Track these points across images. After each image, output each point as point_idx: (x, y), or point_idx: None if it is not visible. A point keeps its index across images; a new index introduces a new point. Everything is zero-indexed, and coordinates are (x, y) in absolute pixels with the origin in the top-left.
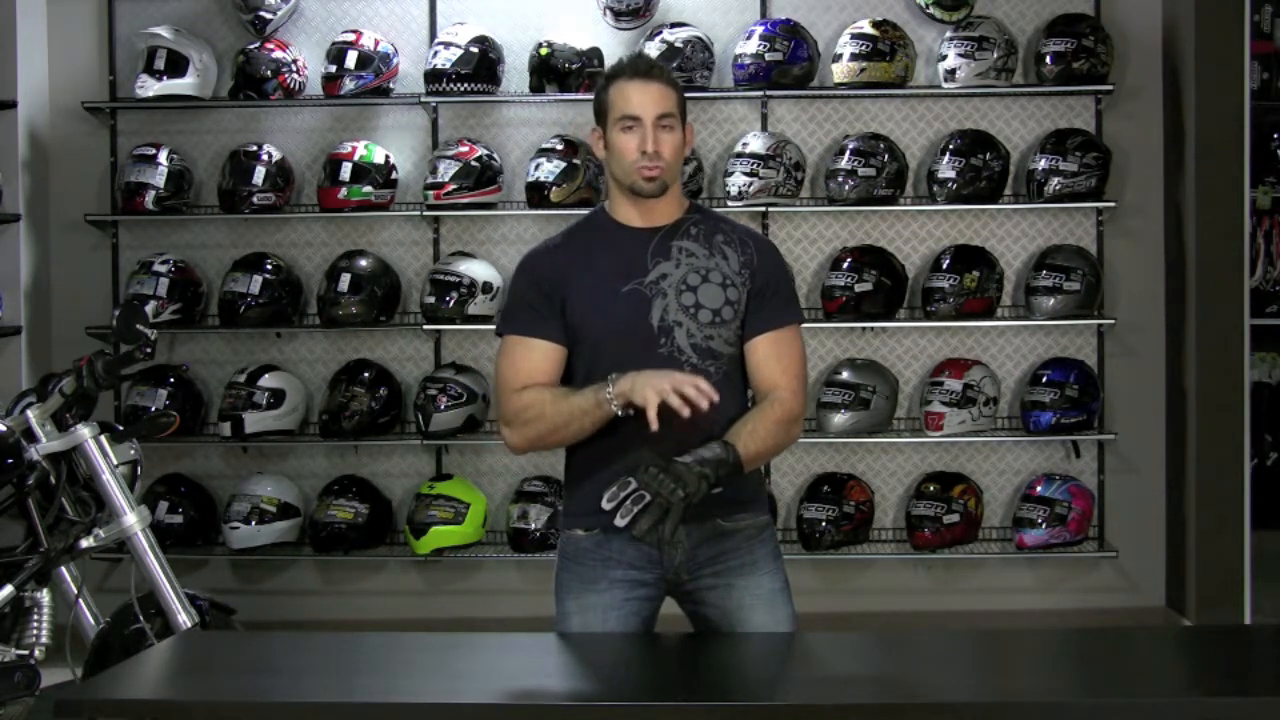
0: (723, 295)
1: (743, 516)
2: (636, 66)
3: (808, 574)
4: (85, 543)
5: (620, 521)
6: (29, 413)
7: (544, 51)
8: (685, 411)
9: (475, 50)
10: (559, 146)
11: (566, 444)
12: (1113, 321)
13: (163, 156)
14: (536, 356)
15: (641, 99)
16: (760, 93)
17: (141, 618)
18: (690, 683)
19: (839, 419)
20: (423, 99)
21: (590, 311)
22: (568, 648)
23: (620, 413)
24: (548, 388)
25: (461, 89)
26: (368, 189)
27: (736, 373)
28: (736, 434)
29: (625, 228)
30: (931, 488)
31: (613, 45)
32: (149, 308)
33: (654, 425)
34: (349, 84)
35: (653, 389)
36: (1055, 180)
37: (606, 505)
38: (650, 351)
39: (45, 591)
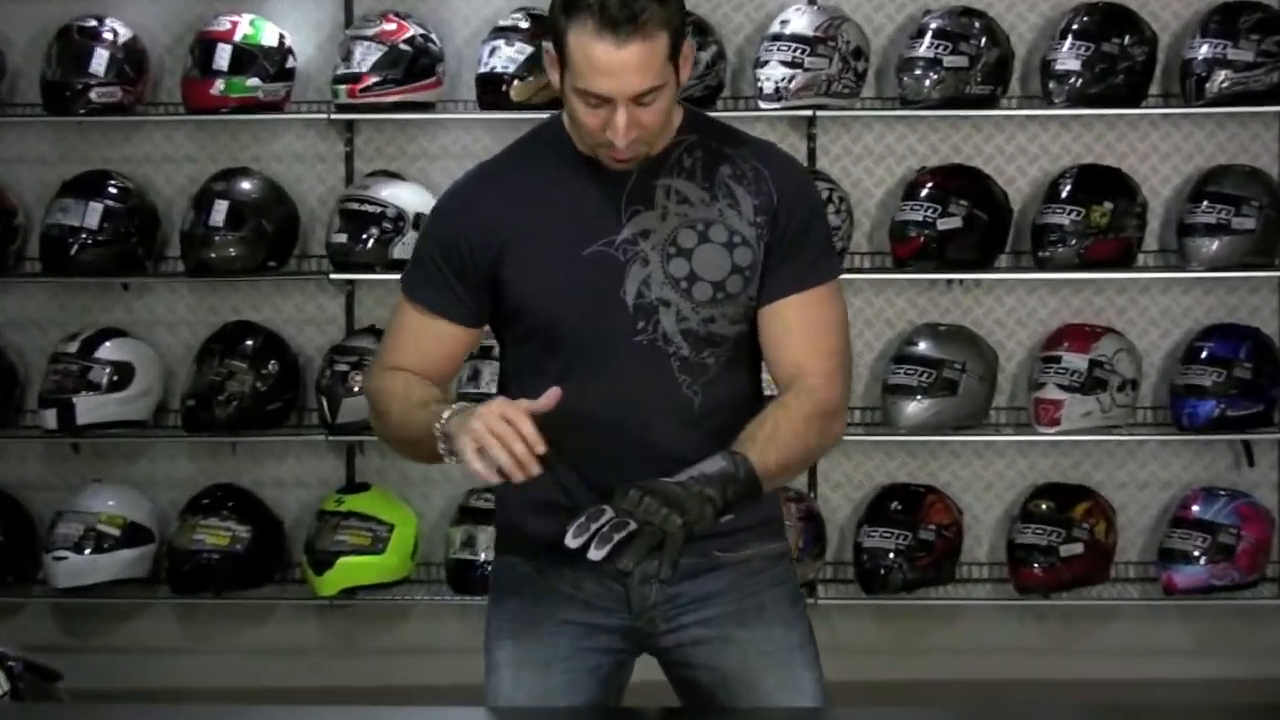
0: (728, 260)
1: (747, 544)
2: (606, 11)
3: (869, 626)
4: None
5: (596, 553)
6: None
7: None
8: (507, 477)
9: None
10: (522, 24)
11: (416, 460)
12: None
13: None
14: (428, 338)
15: (613, 75)
16: None
17: None
18: None
19: (914, 409)
20: None
21: (537, 282)
22: None
23: (449, 459)
24: (418, 383)
25: None
26: (253, 82)
27: (745, 354)
28: (750, 440)
29: (591, 160)
30: (1044, 506)
31: None
32: None
33: (486, 477)
34: None
35: (470, 436)
36: (1221, 75)
37: (572, 543)
38: (624, 340)
39: None
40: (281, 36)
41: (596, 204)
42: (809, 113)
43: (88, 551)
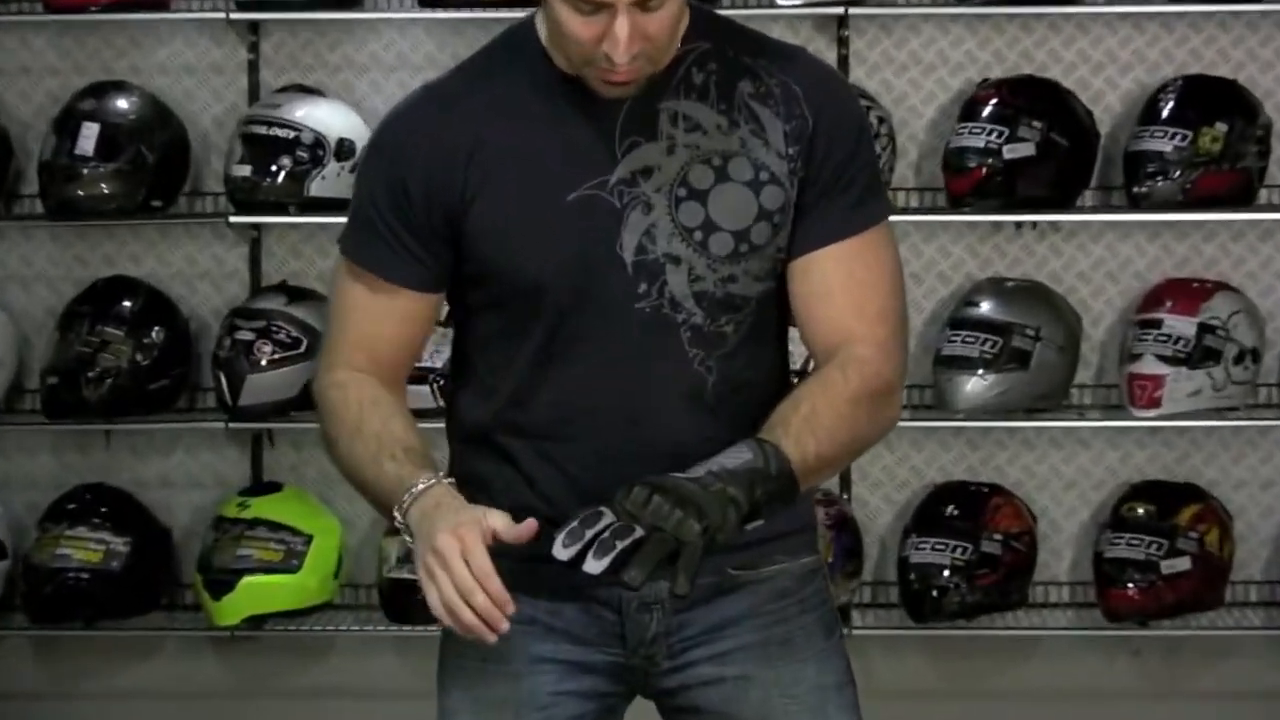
0: (754, 203)
1: (772, 559)
2: None
3: (918, 663)
4: None
5: (595, 565)
6: None
7: None
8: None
9: None
10: None
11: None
12: None
13: None
14: (382, 314)
15: None
16: None
17: None
18: None
19: (974, 387)
20: None
21: (507, 237)
22: None
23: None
24: (372, 406)
25: None
26: None
27: (771, 320)
28: (782, 425)
29: (575, 80)
30: (1140, 511)
31: None
32: None
33: (437, 615)
34: None
35: (426, 566)
36: None
37: (562, 553)
38: (621, 307)
39: None
40: None
41: (583, 135)
42: (839, 10)
43: None
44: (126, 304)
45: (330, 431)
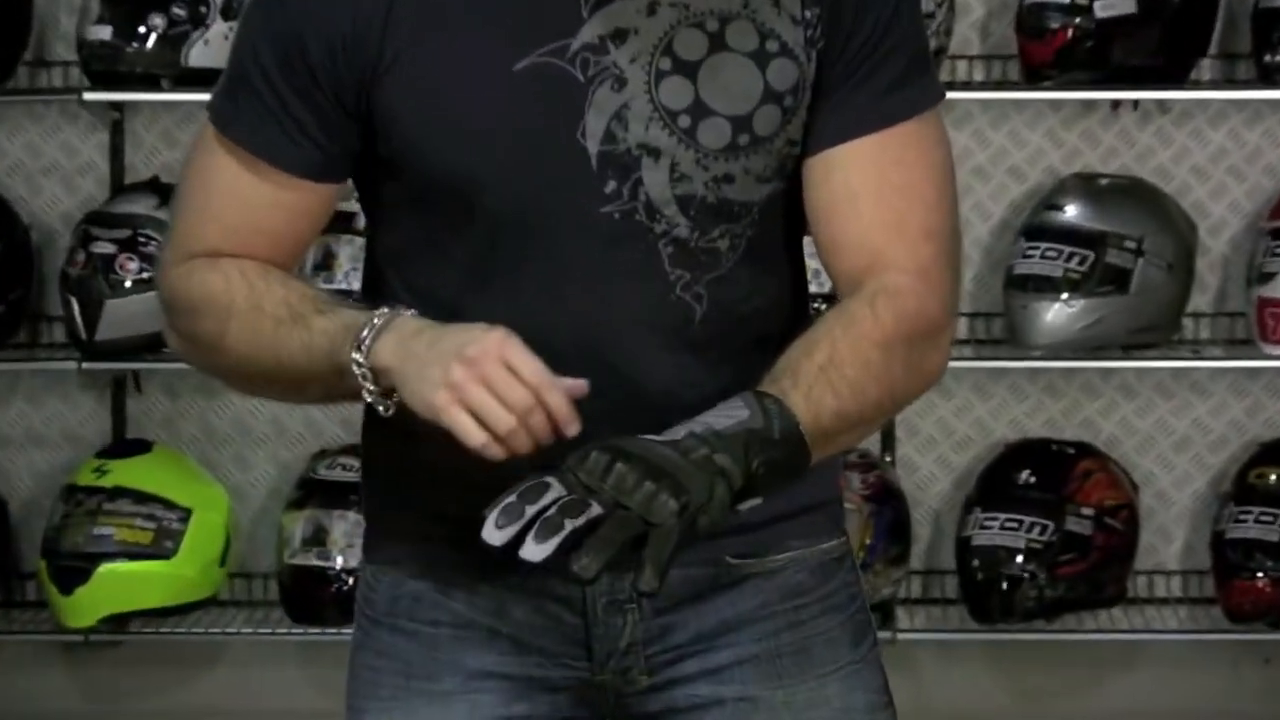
0: (759, 80)
1: (783, 545)
2: None
3: (983, 674)
4: None
5: (536, 550)
6: None
7: None
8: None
9: None
10: None
11: (280, 399)
12: None
13: None
14: (257, 201)
15: None
16: None
17: None
18: None
19: (1056, 316)
20: None
21: (433, 114)
22: None
23: (383, 409)
24: (261, 275)
25: None
26: None
27: (778, 234)
28: (790, 374)
29: None
30: (1273, 478)
31: None
32: None
33: (478, 444)
34: None
35: (445, 391)
36: None
37: (494, 536)
38: (582, 211)
39: None
40: None
41: None
42: None
43: None
44: None
45: (209, 325)
